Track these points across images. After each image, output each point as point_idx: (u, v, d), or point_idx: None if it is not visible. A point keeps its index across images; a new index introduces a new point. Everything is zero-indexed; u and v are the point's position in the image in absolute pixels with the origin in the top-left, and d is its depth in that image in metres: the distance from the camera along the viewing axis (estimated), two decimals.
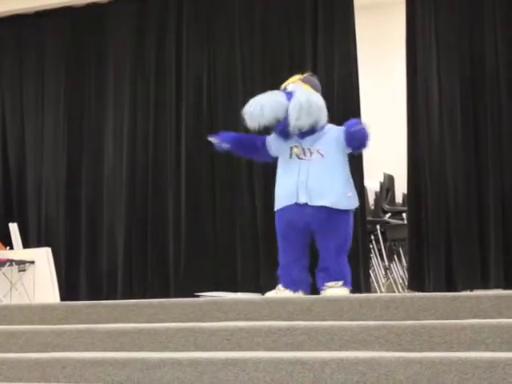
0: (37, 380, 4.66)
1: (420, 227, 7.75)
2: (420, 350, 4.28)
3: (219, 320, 5.08)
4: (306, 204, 5.96)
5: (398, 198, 9.22)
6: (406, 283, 7.99)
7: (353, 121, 6.22)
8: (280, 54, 8.49)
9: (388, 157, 9.16)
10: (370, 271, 8.25)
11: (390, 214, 8.74)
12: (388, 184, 8.97)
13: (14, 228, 8.35)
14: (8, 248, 8.36)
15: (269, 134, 6.29)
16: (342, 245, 6.07)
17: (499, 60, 7.64)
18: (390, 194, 8.96)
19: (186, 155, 8.68)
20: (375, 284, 8.34)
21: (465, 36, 7.79)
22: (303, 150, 6.07)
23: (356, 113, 8.05)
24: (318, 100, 6.07)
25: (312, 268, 6.15)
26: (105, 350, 4.90)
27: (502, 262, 7.40)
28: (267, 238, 8.21)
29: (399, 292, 8.17)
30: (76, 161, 9.24)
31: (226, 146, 6.46)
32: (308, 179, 5.97)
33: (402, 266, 8.45)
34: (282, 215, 6.10)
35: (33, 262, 8.16)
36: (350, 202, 6.11)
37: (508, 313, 4.61)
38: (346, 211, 6.05)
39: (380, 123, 9.39)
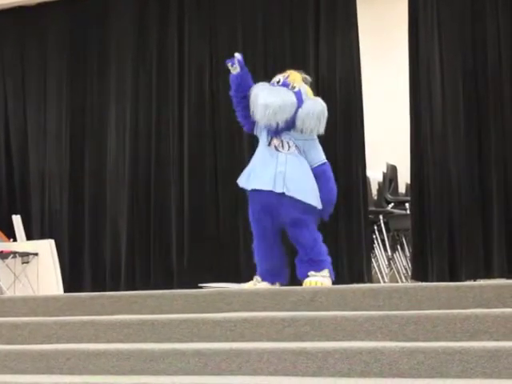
0: (41, 372, 4.67)
1: (423, 217, 7.74)
2: (423, 340, 4.28)
3: (223, 311, 5.08)
4: (283, 194, 5.97)
5: (401, 188, 9.21)
6: (410, 273, 7.99)
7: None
8: (282, 44, 8.48)
9: (391, 147, 9.15)
10: (373, 261, 8.26)
11: (393, 204, 8.74)
12: (391, 174, 8.97)
13: (17, 220, 8.35)
14: (11, 240, 8.36)
15: None
16: (313, 235, 6.05)
17: (501, 49, 7.62)
18: (393, 184, 8.95)
19: (188, 147, 8.67)
20: (378, 274, 8.35)
21: (467, 25, 7.77)
22: (282, 142, 6.12)
23: (358, 102, 8.05)
24: (325, 109, 6.20)
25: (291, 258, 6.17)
26: (108, 341, 4.91)
27: (505, 251, 7.40)
28: None
29: (402, 282, 8.18)
30: (79, 153, 9.24)
31: (237, 69, 6.35)
32: (286, 171, 6.01)
33: (406, 256, 8.45)
34: (256, 197, 6.09)
35: (36, 254, 8.16)
36: (318, 200, 6.13)
37: None
38: (315, 208, 6.07)
39: (383, 113, 9.41)
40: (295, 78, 6.28)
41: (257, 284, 6.05)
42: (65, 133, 9.31)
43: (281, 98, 6.07)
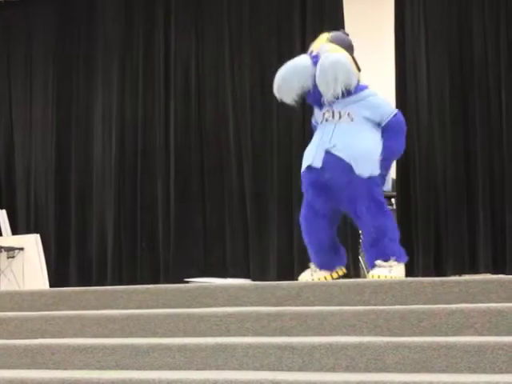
0: (26, 366, 4.66)
1: (409, 212, 7.76)
2: (409, 335, 4.29)
3: (208, 306, 5.08)
4: (322, 168, 5.51)
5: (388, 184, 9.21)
6: None
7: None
8: (268, 41, 8.47)
9: None
10: (360, 256, 8.26)
11: None
12: None
13: (2, 214, 8.33)
14: None
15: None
16: (375, 207, 5.55)
17: (487, 44, 7.64)
18: None
19: (174, 140, 8.66)
20: (364, 269, 8.35)
21: (453, 21, 7.79)
22: (333, 112, 5.63)
23: None
24: (344, 60, 5.64)
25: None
26: (94, 336, 4.90)
27: (490, 247, 7.43)
28: (256, 223, 8.23)
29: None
30: (65, 146, 9.21)
31: None
32: (330, 140, 5.53)
33: None
34: (302, 178, 5.71)
35: (22, 249, 8.14)
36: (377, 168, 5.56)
37: (496, 297, 4.63)
38: (370, 177, 5.51)
39: None
40: (316, 44, 5.88)
41: (314, 274, 5.67)
42: (51, 127, 9.28)
43: (290, 66, 5.71)
